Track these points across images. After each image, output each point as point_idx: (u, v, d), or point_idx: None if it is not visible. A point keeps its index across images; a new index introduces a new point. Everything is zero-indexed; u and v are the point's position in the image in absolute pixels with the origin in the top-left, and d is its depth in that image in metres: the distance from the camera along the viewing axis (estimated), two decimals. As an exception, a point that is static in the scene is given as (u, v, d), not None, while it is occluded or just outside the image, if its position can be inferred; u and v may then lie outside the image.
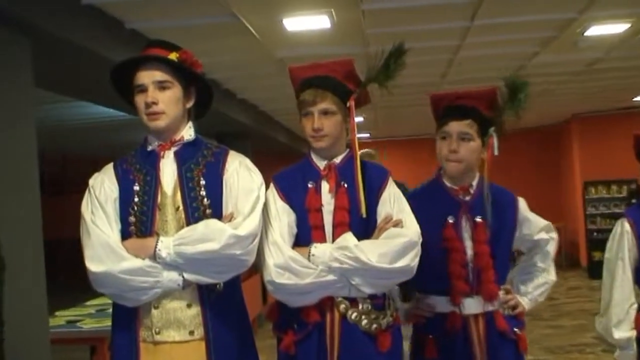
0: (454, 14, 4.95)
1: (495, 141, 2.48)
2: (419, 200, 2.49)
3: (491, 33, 5.46)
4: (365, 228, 2.30)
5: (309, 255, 2.23)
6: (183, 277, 2.14)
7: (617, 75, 8.01)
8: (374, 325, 2.27)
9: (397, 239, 2.24)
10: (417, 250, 2.26)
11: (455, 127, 2.45)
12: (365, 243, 2.23)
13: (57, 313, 4.75)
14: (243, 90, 7.57)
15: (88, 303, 5.14)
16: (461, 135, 2.45)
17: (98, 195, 2.23)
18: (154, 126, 2.23)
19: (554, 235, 2.66)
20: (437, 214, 2.48)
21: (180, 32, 4.66)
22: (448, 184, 2.54)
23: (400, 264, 2.21)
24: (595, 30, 5.58)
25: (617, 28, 5.61)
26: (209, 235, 2.11)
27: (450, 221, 2.47)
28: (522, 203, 2.60)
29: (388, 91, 2.38)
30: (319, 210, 2.31)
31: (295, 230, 2.32)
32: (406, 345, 2.49)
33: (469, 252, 2.46)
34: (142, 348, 2.19)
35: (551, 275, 2.65)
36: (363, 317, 2.26)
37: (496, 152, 2.47)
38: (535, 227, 2.61)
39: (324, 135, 2.32)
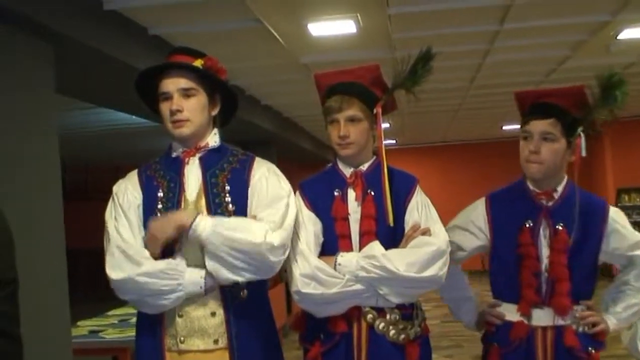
0: (482, 18, 4.89)
1: (583, 142, 2.32)
2: (499, 202, 2.44)
3: (521, 37, 5.38)
4: (393, 237, 2.26)
5: (335, 265, 2.20)
6: (205, 279, 2.10)
7: (652, 80, 7.83)
8: (402, 336, 2.24)
9: (426, 248, 2.20)
10: (446, 258, 2.22)
11: (537, 126, 2.31)
12: (393, 252, 2.20)
13: (79, 323, 4.74)
14: (267, 97, 7.57)
15: (110, 313, 5.13)
16: (543, 135, 2.31)
17: (121, 202, 2.21)
18: (179, 134, 2.21)
19: None
20: (515, 217, 2.38)
21: (204, 37, 4.67)
22: (531, 186, 2.41)
23: (429, 273, 2.18)
24: (629, 34, 5.44)
25: (652, 31, 5.47)
26: (251, 229, 2.07)
27: (527, 226, 2.35)
28: (614, 213, 2.41)
29: (415, 97, 2.33)
30: (346, 218, 2.28)
31: (321, 239, 2.29)
32: None
33: (545, 260, 2.33)
34: (167, 357, 2.17)
35: None
36: (391, 327, 2.23)
37: (584, 153, 2.33)
38: (627, 241, 2.40)
39: (350, 143, 2.29)
